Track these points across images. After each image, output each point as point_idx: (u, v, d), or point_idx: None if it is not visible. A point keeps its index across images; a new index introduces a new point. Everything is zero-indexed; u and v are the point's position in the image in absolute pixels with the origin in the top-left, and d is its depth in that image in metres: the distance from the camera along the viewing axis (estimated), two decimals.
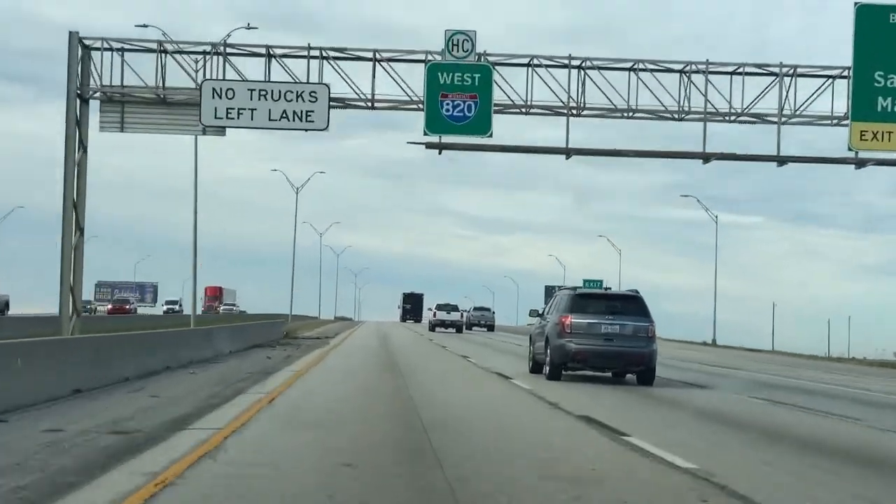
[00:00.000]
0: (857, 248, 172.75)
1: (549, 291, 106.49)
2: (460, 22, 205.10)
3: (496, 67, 30.64)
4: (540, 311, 27.44)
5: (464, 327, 78.23)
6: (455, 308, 78.38)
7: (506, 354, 38.73)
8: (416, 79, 30.51)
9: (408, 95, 30.53)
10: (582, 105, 31.16)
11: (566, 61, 30.90)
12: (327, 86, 30.18)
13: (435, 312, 77.68)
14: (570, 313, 23.91)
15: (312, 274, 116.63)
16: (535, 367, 26.57)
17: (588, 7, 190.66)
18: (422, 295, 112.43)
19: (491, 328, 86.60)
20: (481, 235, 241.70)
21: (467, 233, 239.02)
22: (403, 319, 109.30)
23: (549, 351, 24.28)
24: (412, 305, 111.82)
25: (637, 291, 24.64)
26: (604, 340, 23.66)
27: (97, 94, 30.62)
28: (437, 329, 75.02)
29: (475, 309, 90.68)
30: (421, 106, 30.32)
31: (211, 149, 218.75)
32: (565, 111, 30.99)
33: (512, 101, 30.85)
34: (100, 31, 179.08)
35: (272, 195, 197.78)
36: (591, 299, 24.45)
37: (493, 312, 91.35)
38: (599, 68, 31.17)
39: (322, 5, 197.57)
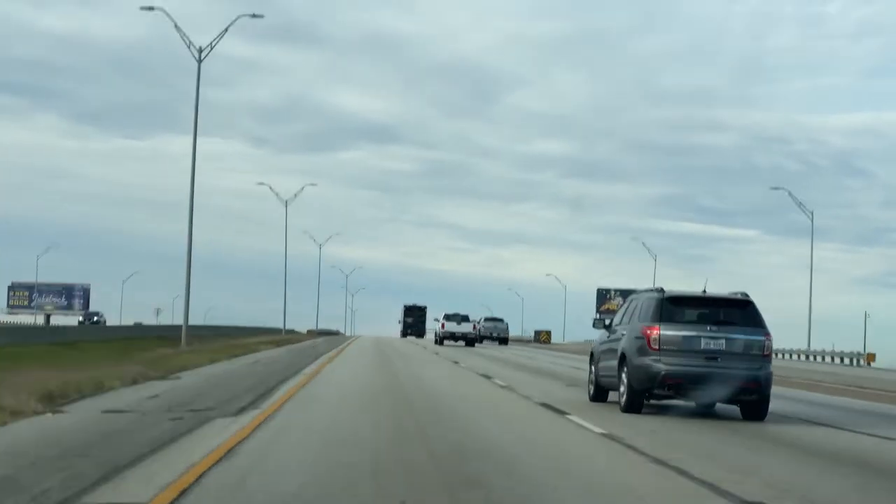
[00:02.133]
0: (851, 260, 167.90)
1: (602, 296, 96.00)
2: (458, 33, 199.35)
3: None
4: (607, 322, 21.08)
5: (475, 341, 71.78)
6: (466, 318, 71.34)
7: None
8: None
9: None
10: None
11: None
12: None
13: (443, 324, 70.78)
14: (657, 323, 17.68)
15: (301, 283, 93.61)
16: (599, 394, 20.44)
17: (583, 18, 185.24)
18: (425, 308, 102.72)
19: (504, 341, 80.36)
20: (480, 248, 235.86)
21: (465, 245, 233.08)
22: (404, 334, 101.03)
23: (625, 373, 18.11)
24: (414, 319, 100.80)
25: (747, 295, 18.35)
26: (705, 360, 17.46)
27: None
28: (446, 342, 68.77)
29: (486, 320, 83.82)
30: None
31: (201, 160, 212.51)
32: None
33: None
34: (96, 40, 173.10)
35: (264, 207, 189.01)
36: (686, 305, 18.15)
37: (507, 324, 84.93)
38: None
39: (320, 16, 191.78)
